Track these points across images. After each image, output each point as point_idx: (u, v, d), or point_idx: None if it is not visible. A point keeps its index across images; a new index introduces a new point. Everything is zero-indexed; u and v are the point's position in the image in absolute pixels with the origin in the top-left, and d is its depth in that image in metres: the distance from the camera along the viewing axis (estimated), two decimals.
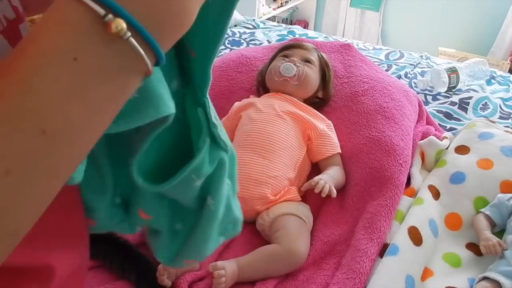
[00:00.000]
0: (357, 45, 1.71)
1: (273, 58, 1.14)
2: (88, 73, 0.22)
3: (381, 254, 0.79)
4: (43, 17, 0.23)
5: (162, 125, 0.30)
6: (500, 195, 0.88)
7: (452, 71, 1.38)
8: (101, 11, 0.21)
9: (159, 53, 0.24)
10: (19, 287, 0.36)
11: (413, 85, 1.44)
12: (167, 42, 0.25)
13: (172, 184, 0.35)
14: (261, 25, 1.96)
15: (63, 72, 0.22)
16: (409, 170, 0.98)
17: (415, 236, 0.81)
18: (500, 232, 0.85)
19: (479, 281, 0.75)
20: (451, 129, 1.21)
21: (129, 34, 0.22)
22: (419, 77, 1.47)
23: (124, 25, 0.22)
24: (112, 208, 0.43)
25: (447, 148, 1.04)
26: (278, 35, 1.79)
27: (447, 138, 1.07)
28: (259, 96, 1.12)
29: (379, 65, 1.49)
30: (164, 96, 0.29)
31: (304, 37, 1.68)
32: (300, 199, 0.93)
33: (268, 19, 2.78)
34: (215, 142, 0.36)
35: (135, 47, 0.22)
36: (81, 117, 0.23)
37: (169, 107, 0.29)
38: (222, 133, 0.37)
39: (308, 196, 0.96)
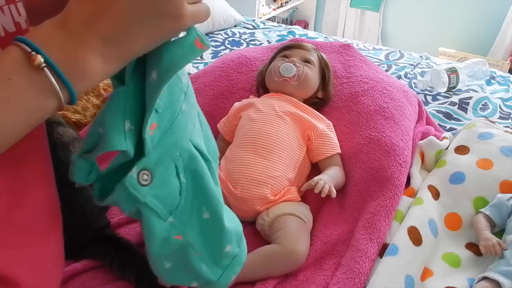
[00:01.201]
0: (357, 45, 1.71)
1: (273, 59, 1.14)
2: (18, 90, 0.32)
3: (381, 254, 0.79)
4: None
5: (122, 156, 0.41)
6: (500, 195, 0.88)
7: (452, 71, 1.39)
8: (28, 49, 0.32)
9: (68, 86, 0.34)
10: None
11: (413, 85, 1.44)
12: (78, 87, 0.34)
13: (104, 203, 0.44)
14: (261, 26, 1.96)
15: (1, 86, 0.32)
16: (409, 170, 0.98)
17: (415, 236, 0.81)
18: (500, 232, 0.85)
19: (479, 281, 0.75)
20: (451, 129, 1.21)
21: (44, 65, 0.32)
22: (419, 77, 1.47)
23: (42, 60, 0.32)
24: None
25: (446, 148, 1.04)
26: (278, 36, 1.79)
27: (446, 138, 1.07)
28: (259, 96, 1.12)
29: (379, 65, 1.50)
30: (113, 138, 0.40)
31: (304, 38, 1.68)
32: (300, 199, 0.93)
33: (268, 19, 2.78)
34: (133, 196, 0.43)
35: (48, 76, 0.33)
36: (7, 121, 0.32)
37: (113, 145, 0.40)
38: (143, 194, 0.43)
39: (308, 196, 0.96)
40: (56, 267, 0.52)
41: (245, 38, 1.77)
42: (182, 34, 0.39)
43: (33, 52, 0.32)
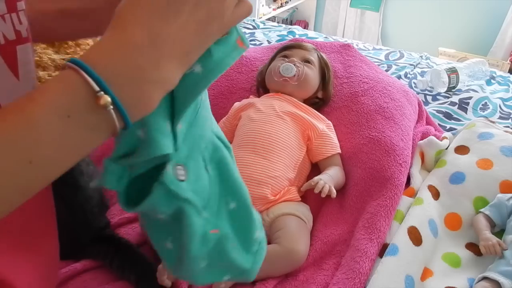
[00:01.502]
0: (357, 45, 1.71)
1: (273, 59, 1.14)
2: (74, 127, 0.30)
3: (381, 254, 0.79)
4: (55, 77, 0.31)
5: (162, 158, 0.39)
6: (500, 195, 0.88)
7: (452, 71, 1.39)
8: (97, 88, 0.29)
9: (128, 123, 0.32)
10: None
11: (413, 85, 1.44)
12: (134, 118, 0.33)
13: (138, 209, 0.41)
14: (261, 26, 1.96)
15: (57, 123, 0.29)
16: (409, 170, 0.98)
17: (415, 236, 0.81)
18: (500, 232, 0.85)
19: (479, 281, 0.75)
20: (451, 129, 1.21)
21: (111, 107, 0.30)
22: (419, 77, 1.47)
23: (109, 99, 0.30)
24: None
25: (446, 148, 1.04)
26: (278, 36, 1.79)
27: (446, 138, 1.07)
28: (259, 96, 1.12)
29: (379, 65, 1.50)
30: (161, 141, 0.38)
31: (304, 38, 1.68)
32: (300, 199, 0.93)
33: (268, 19, 2.78)
34: (173, 194, 0.40)
35: (113, 118, 0.30)
36: (59, 157, 0.30)
37: (161, 149, 0.38)
38: (183, 190, 0.41)
39: (308, 196, 0.96)
40: (50, 272, 0.52)
41: None
42: None
43: (101, 92, 0.29)
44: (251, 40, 1.75)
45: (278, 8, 3.02)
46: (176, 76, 0.34)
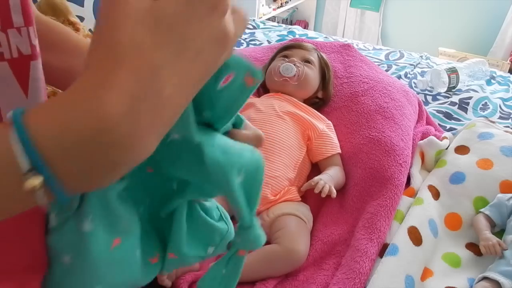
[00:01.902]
0: (357, 45, 1.71)
1: (273, 58, 1.14)
2: None
3: (381, 254, 0.79)
4: None
5: None
6: (500, 195, 0.88)
7: (452, 71, 1.39)
8: (25, 167, 0.22)
9: (63, 201, 0.25)
10: None
11: (413, 85, 1.44)
12: (73, 193, 0.25)
13: None
14: (261, 26, 1.96)
15: None
16: (409, 170, 0.98)
17: (415, 236, 0.81)
18: (500, 232, 0.85)
19: (479, 281, 0.75)
20: (451, 129, 1.21)
21: (42, 189, 0.23)
22: (419, 77, 1.47)
23: (39, 181, 0.23)
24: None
25: (447, 148, 1.04)
26: (278, 36, 1.79)
27: (447, 138, 1.07)
28: (259, 96, 1.12)
29: (379, 65, 1.50)
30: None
31: (304, 38, 1.68)
32: (300, 199, 0.93)
33: (268, 19, 2.78)
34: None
35: (42, 200, 0.24)
36: None
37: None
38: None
39: (308, 196, 0.96)
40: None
41: (245, 38, 1.77)
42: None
43: (30, 173, 0.23)
44: (251, 40, 1.75)
45: (278, 8, 3.02)
46: (152, 149, 0.26)
